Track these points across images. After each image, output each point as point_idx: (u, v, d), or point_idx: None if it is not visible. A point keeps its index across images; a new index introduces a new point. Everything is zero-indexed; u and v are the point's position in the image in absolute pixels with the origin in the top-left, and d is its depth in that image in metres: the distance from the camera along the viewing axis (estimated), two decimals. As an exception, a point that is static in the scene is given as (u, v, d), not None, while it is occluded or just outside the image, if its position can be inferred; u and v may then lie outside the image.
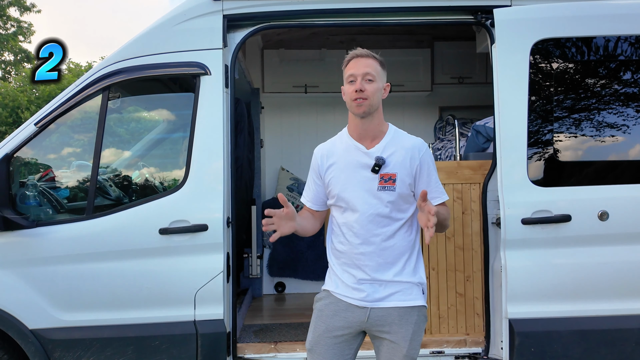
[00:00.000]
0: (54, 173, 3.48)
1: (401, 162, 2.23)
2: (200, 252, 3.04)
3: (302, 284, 5.24)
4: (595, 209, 3.00)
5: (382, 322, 2.22)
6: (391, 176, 2.21)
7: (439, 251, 3.39)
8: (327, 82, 5.39)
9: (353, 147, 2.27)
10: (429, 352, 3.30)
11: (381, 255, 2.22)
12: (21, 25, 20.30)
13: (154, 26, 3.20)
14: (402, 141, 2.28)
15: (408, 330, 2.21)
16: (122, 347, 3.02)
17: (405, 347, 2.20)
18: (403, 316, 2.22)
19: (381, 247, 2.23)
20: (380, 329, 2.23)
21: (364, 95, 2.17)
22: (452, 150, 4.38)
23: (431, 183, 2.28)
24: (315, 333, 2.32)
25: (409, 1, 3.26)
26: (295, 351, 3.35)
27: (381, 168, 2.21)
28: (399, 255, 2.24)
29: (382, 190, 2.21)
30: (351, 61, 2.25)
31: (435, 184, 2.30)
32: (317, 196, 2.39)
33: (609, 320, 3.00)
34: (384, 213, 2.22)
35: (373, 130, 2.26)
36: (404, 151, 2.25)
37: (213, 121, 3.11)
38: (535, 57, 3.07)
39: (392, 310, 2.22)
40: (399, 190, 2.22)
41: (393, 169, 2.22)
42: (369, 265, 2.23)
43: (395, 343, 2.21)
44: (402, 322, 2.22)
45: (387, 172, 2.21)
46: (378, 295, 2.23)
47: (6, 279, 3.03)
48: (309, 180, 2.41)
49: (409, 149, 2.26)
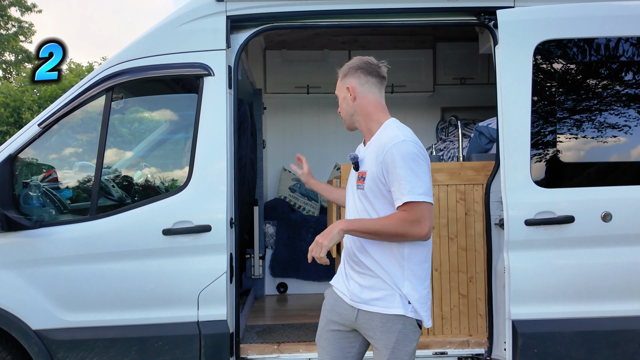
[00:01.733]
0: (57, 174, 3.48)
1: (372, 160, 2.17)
2: (203, 252, 3.05)
3: (304, 285, 5.24)
4: (599, 210, 3.01)
5: (367, 326, 2.21)
6: (362, 174, 2.22)
7: (442, 252, 3.39)
8: (329, 82, 5.36)
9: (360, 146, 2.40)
10: (432, 353, 3.31)
11: (362, 252, 2.20)
12: (22, 25, 20.31)
13: (157, 27, 3.21)
14: (380, 137, 2.20)
15: (390, 338, 2.15)
16: (125, 348, 3.03)
17: (387, 355, 2.15)
18: (385, 324, 2.16)
19: (358, 245, 2.21)
20: (366, 333, 2.24)
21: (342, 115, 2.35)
22: (455, 151, 4.39)
23: (393, 182, 2.09)
24: (319, 326, 2.41)
25: (412, 2, 3.26)
26: (298, 352, 3.36)
27: (359, 166, 2.25)
28: (383, 259, 2.17)
29: (358, 188, 2.24)
30: None
31: (396, 183, 2.07)
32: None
33: (612, 322, 3.00)
34: (361, 213, 2.22)
35: (365, 132, 2.33)
36: (377, 148, 2.16)
37: (216, 122, 3.11)
38: (538, 58, 3.07)
39: (375, 316, 2.18)
40: (368, 188, 2.17)
41: (364, 167, 2.23)
42: (350, 264, 2.28)
43: (378, 350, 2.20)
44: (384, 329, 2.16)
45: (361, 170, 2.24)
46: (362, 297, 2.21)
47: (10, 280, 3.03)
48: None
49: (380, 146, 2.15)
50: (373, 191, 2.16)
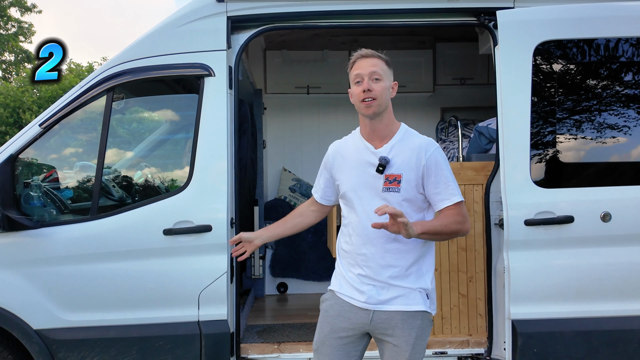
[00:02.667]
0: (58, 174, 3.48)
1: (407, 163, 2.18)
2: (204, 252, 3.05)
3: (305, 285, 5.24)
4: (598, 210, 3.01)
5: (386, 325, 2.20)
6: (396, 177, 2.17)
7: (441, 252, 3.40)
8: (330, 83, 5.40)
9: (363, 147, 2.27)
10: (431, 352, 3.31)
11: (383, 257, 2.19)
12: (22, 25, 20.31)
13: (158, 27, 3.22)
14: (410, 141, 2.23)
15: (411, 334, 2.18)
16: (126, 347, 3.03)
17: (408, 351, 2.17)
18: (406, 320, 2.19)
19: (384, 249, 2.19)
20: (384, 332, 2.22)
21: (373, 95, 2.15)
22: (455, 151, 4.40)
23: (439, 184, 2.19)
24: (320, 334, 2.31)
25: (412, 3, 3.26)
26: (298, 351, 3.36)
27: (385, 168, 2.17)
28: (401, 260, 2.20)
29: (387, 191, 2.18)
30: (356, 62, 2.22)
31: (444, 185, 2.19)
32: (324, 191, 2.45)
33: (612, 321, 3.01)
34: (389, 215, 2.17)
35: (382, 130, 2.23)
36: (411, 151, 2.20)
37: (217, 122, 3.12)
38: (538, 59, 3.08)
39: (395, 314, 2.19)
40: (404, 191, 2.17)
41: (398, 169, 2.18)
42: (371, 267, 2.20)
43: (398, 347, 2.19)
44: (405, 326, 2.18)
45: (392, 172, 2.18)
46: (381, 298, 2.20)
47: (11, 279, 3.04)
48: (320, 174, 2.47)
49: (415, 149, 2.20)
50: (409, 193, 2.18)
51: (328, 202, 2.48)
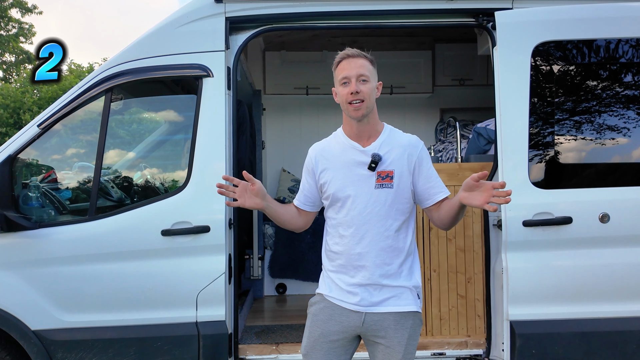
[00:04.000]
0: (56, 174, 3.48)
1: (399, 159, 2.21)
2: (202, 253, 3.05)
3: (303, 286, 5.23)
4: (596, 211, 3.01)
5: (378, 327, 2.20)
6: (389, 173, 2.19)
7: (440, 253, 3.40)
8: (329, 83, 5.33)
9: (349, 147, 2.25)
10: (430, 353, 3.31)
11: (378, 255, 2.19)
12: (22, 26, 20.33)
13: (156, 28, 3.22)
14: (397, 139, 2.26)
15: (403, 335, 2.19)
16: (124, 348, 3.03)
17: (401, 352, 2.18)
18: (399, 321, 2.19)
19: (378, 247, 2.19)
20: (376, 334, 2.21)
21: (361, 97, 2.15)
22: (453, 152, 4.39)
23: (431, 179, 2.25)
24: (310, 338, 2.28)
25: (411, 4, 3.27)
26: (296, 352, 3.36)
27: (378, 165, 2.18)
28: (395, 257, 2.21)
29: (380, 187, 2.18)
30: (342, 62, 2.20)
31: (435, 179, 2.26)
32: (307, 196, 2.37)
33: (610, 322, 3.01)
34: (382, 212, 2.18)
35: (369, 131, 2.24)
36: (401, 148, 2.23)
37: (215, 123, 3.12)
38: (536, 60, 3.08)
39: (387, 315, 2.20)
40: (397, 187, 2.19)
41: (390, 165, 2.20)
42: (365, 266, 2.19)
43: (391, 348, 2.19)
44: (397, 327, 2.19)
45: (384, 169, 2.19)
46: (373, 300, 2.20)
47: (9, 280, 3.04)
48: (302, 180, 2.39)
49: (405, 146, 2.24)
50: (401, 189, 2.21)
51: (312, 208, 2.40)
